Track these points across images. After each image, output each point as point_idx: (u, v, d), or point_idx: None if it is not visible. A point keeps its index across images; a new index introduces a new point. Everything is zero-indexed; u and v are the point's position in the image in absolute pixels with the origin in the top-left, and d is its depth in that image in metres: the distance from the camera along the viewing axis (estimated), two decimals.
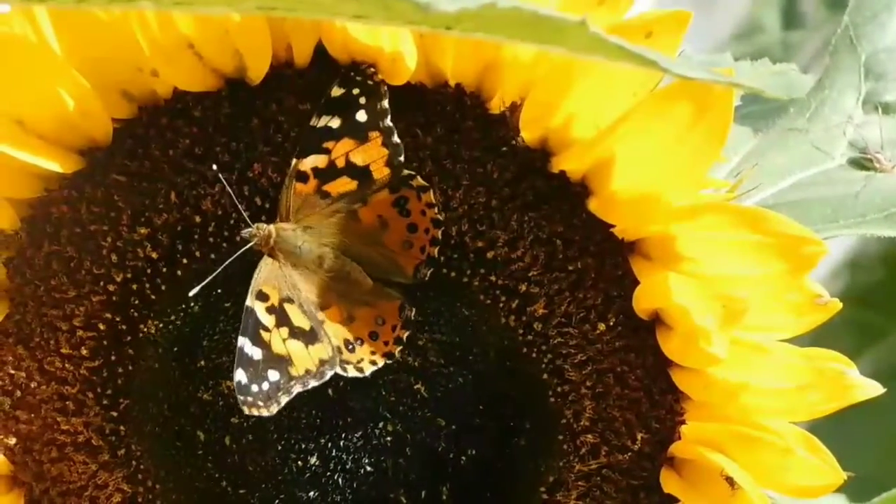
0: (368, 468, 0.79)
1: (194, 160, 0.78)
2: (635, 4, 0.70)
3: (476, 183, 0.77)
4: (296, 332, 0.74)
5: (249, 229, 0.75)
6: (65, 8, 0.73)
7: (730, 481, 0.75)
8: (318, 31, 0.74)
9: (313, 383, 0.73)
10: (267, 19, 0.73)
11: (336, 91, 0.73)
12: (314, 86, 0.77)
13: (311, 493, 0.80)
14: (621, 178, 0.73)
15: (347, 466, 0.79)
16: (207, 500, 0.82)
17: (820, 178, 0.95)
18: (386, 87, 0.73)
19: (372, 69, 0.73)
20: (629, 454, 0.79)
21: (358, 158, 0.74)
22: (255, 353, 0.72)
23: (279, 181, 0.77)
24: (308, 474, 0.80)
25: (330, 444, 0.79)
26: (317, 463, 0.80)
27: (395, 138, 0.74)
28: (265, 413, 0.72)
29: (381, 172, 0.75)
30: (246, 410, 0.72)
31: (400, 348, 0.76)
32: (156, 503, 0.82)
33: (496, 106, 0.76)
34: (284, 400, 0.72)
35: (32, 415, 0.81)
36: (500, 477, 0.80)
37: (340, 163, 0.74)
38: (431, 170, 0.77)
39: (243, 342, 0.73)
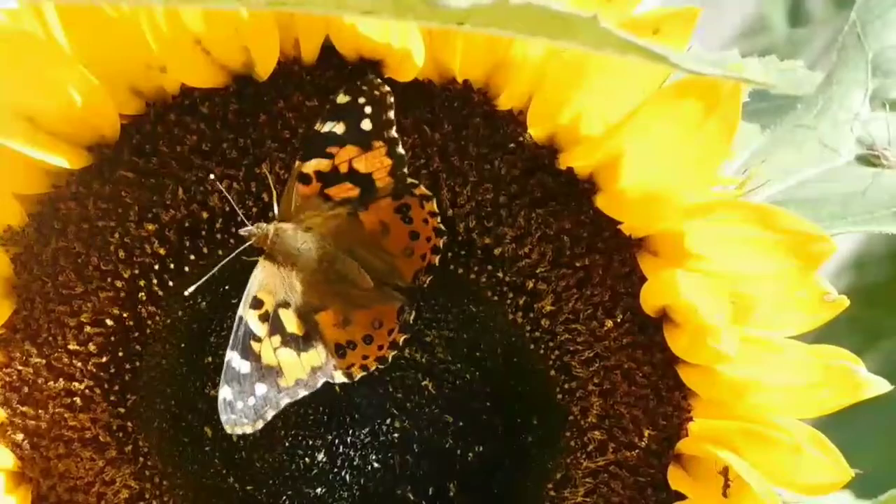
0: (376, 464, 0.79)
1: (202, 156, 0.78)
2: (643, 3, 0.70)
3: (484, 179, 0.77)
4: (288, 340, 0.74)
5: (249, 228, 0.75)
6: (73, 4, 0.73)
7: (724, 472, 0.75)
8: (327, 27, 0.74)
9: (303, 393, 0.74)
10: (275, 16, 0.73)
11: (341, 98, 0.72)
12: (321, 82, 0.77)
13: (319, 490, 0.80)
14: (630, 175, 0.72)
15: (355, 463, 0.79)
16: (215, 497, 0.82)
17: (827, 175, 0.95)
18: (392, 99, 0.72)
19: (378, 80, 0.72)
20: (636, 451, 0.79)
21: (361, 166, 0.74)
22: (244, 366, 0.73)
23: (286, 178, 0.77)
24: (315, 470, 0.80)
25: (337, 441, 0.79)
26: (324, 459, 0.80)
27: (400, 149, 0.73)
28: (248, 430, 0.72)
29: (384, 181, 0.74)
30: (229, 430, 0.72)
31: (394, 353, 0.76)
32: (163, 499, 0.82)
33: (504, 103, 0.75)
34: (271, 415, 0.73)
35: (40, 411, 0.82)
36: (508, 473, 0.80)
37: (343, 168, 0.74)
38: (439, 166, 0.77)
39: (231, 356, 0.73)
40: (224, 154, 0.78)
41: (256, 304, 0.74)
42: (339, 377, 0.75)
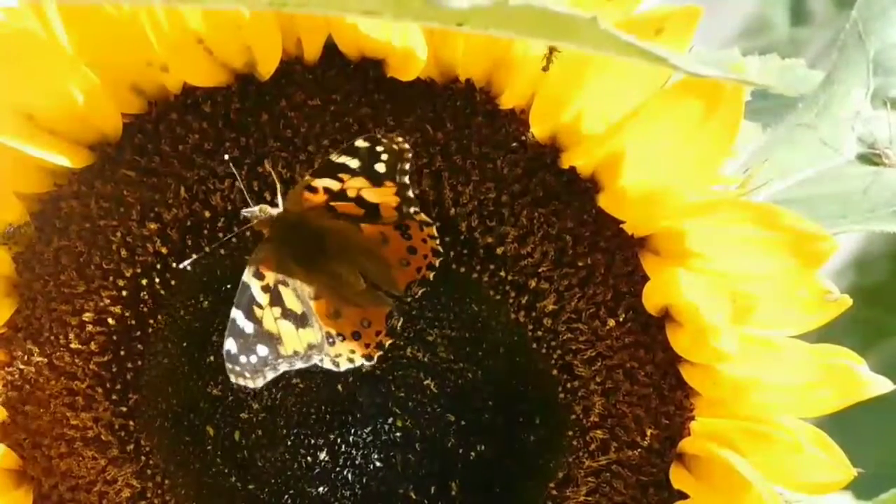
0: (378, 463, 0.79)
1: (204, 155, 0.78)
2: (644, 2, 0.70)
3: (486, 178, 0.77)
4: (288, 314, 0.74)
5: (252, 209, 0.75)
6: (75, 3, 0.73)
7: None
8: (329, 26, 0.74)
9: (299, 364, 0.74)
10: (277, 15, 0.73)
11: (360, 143, 0.72)
12: (324, 81, 0.77)
13: (321, 489, 0.80)
14: (631, 174, 0.72)
15: (357, 462, 0.79)
16: (217, 496, 0.82)
17: (828, 173, 0.95)
18: (410, 154, 0.72)
19: (400, 138, 0.71)
20: (638, 450, 0.79)
21: (369, 196, 0.73)
22: (247, 326, 0.73)
23: (288, 176, 0.77)
24: (317, 469, 0.80)
25: (339, 440, 0.79)
26: (326, 458, 0.80)
27: (410, 193, 0.73)
28: (251, 385, 0.72)
29: (389, 212, 0.74)
30: (233, 379, 0.72)
31: (380, 353, 0.76)
32: (165, 498, 0.82)
33: (506, 102, 0.75)
34: (271, 375, 0.73)
35: (42, 410, 0.82)
36: (510, 473, 0.80)
37: (352, 194, 0.73)
38: (441, 165, 0.77)
39: (236, 314, 0.73)
40: (226, 153, 0.78)
41: (259, 275, 0.74)
42: (327, 363, 0.75)
